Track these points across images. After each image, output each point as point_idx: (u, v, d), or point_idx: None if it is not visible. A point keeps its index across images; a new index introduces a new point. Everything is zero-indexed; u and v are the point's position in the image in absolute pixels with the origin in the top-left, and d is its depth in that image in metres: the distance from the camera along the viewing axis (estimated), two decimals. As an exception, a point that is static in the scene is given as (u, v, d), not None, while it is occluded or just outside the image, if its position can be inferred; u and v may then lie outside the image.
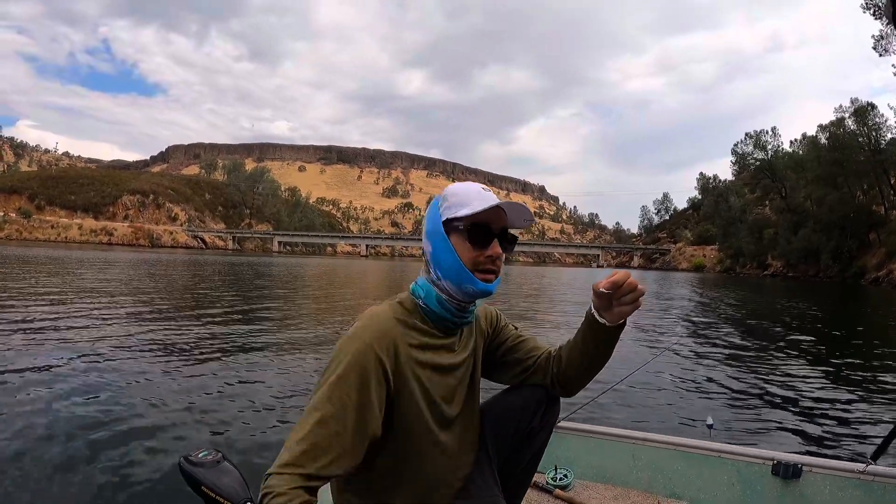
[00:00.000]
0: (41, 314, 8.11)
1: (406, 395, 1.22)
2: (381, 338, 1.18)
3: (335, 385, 1.11)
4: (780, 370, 5.77)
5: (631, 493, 2.17)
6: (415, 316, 1.28)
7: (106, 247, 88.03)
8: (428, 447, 1.27)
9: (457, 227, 1.25)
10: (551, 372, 1.42)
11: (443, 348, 1.31)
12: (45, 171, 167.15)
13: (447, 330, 1.31)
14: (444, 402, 1.30)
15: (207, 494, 1.11)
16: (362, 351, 1.15)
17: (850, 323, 12.58)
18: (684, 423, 3.89)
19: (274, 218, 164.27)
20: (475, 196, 1.26)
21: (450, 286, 1.26)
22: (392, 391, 1.19)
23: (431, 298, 1.28)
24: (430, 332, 1.29)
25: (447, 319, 1.29)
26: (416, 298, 1.30)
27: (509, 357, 1.47)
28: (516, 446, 1.48)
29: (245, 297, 13.12)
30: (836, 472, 1.88)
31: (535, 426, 1.47)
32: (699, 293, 24.55)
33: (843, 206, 57.66)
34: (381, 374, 1.16)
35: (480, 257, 1.25)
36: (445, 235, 1.26)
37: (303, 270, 31.41)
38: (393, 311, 1.26)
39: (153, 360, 5.42)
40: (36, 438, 3.19)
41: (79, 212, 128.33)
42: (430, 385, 1.26)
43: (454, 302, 1.28)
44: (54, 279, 15.23)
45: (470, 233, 1.25)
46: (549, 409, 1.48)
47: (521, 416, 1.46)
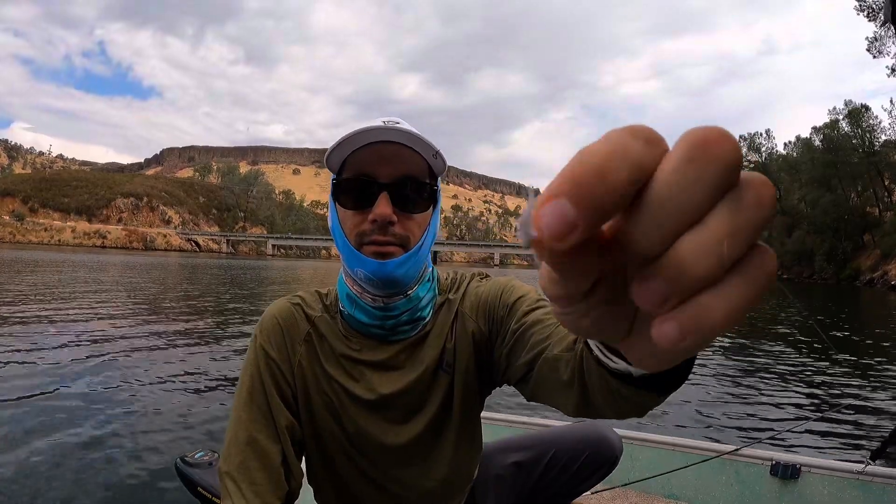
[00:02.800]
0: (35, 317, 8.05)
1: (310, 408, 0.97)
2: (269, 332, 0.97)
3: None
4: (777, 371, 5.78)
5: (629, 494, 2.16)
6: (331, 309, 1.00)
7: (99, 250, 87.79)
8: (355, 482, 0.99)
9: (336, 182, 0.89)
10: (573, 364, 0.65)
11: (370, 366, 0.95)
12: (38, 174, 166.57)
13: (380, 338, 0.95)
14: (362, 426, 0.96)
15: (203, 495, 1.11)
16: (252, 346, 0.97)
17: (845, 324, 12.62)
18: (683, 423, 3.89)
19: (268, 221, 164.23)
20: (358, 136, 0.85)
21: (348, 269, 0.91)
22: (296, 395, 0.97)
23: (342, 294, 0.96)
24: (351, 338, 0.97)
25: (367, 325, 0.94)
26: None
27: (520, 355, 0.83)
28: (557, 497, 1.22)
29: (240, 300, 13.07)
30: (835, 472, 1.88)
31: (582, 489, 1.22)
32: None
33: (838, 208, 57.98)
34: (268, 361, 0.95)
35: (363, 224, 0.87)
36: (331, 198, 0.92)
37: (297, 273, 31.35)
38: (296, 296, 1.01)
39: (149, 361, 5.40)
40: (32, 439, 3.17)
41: (72, 214, 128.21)
42: (346, 405, 0.95)
43: (368, 296, 0.91)
44: (48, 282, 15.16)
45: (341, 189, 0.88)
46: (606, 474, 1.22)
47: (578, 471, 1.19)
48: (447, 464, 0.99)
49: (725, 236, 0.19)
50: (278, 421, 0.92)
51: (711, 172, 0.19)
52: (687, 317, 0.20)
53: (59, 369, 4.87)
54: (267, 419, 0.92)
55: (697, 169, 0.19)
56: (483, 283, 1.01)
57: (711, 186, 0.19)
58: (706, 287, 0.20)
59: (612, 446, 1.20)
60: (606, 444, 1.20)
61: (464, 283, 1.03)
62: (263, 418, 0.91)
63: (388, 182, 0.86)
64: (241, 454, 0.88)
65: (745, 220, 0.19)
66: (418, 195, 0.88)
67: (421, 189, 0.88)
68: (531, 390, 0.81)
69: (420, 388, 0.95)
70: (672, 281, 0.20)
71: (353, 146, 0.85)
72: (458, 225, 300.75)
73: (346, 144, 0.85)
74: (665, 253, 0.20)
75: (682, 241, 0.19)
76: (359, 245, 0.87)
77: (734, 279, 0.20)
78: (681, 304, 0.20)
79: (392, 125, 0.85)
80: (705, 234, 0.19)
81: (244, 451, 0.88)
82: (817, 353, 7.05)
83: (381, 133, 0.84)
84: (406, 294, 0.91)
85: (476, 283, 1.02)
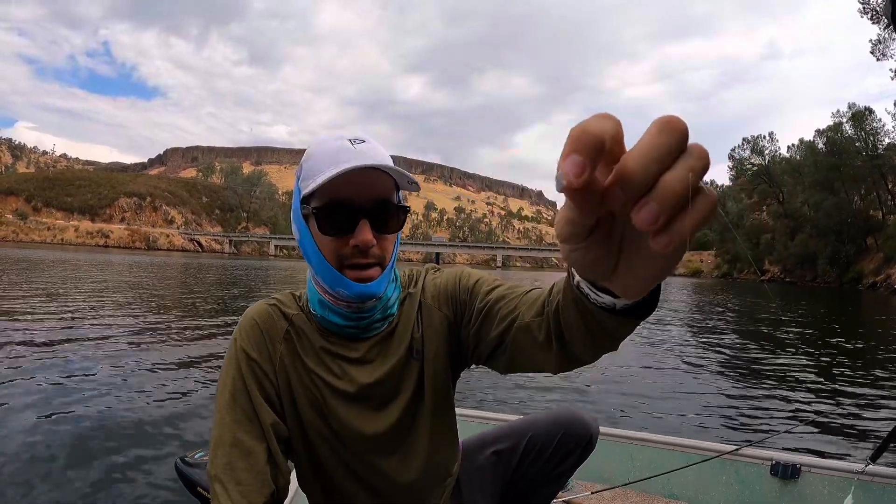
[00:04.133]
0: (36, 316, 8.07)
1: (293, 403, 1.00)
2: (247, 333, 0.98)
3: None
4: (777, 371, 5.77)
5: (629, 494, 2.16)
6: (307, 310, 1.03)
7: (102, 249, 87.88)
8: (341, 478, 1.02)
9: (315, 207, 0.92)
10: (546, 325, 0.76)
11: (347, 361, 1.00)
12: (42, 173, 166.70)
13: (353, 336, 1.00)
14: (344, 422, 0.99)
15: (203, 495, 1.10)
16: (231, 348, 0.98)
17: (847, 327, 12.59)
18: (683, 423, 3.88)
19: (271, 221, 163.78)
20: (327, 159, 0.89)
21: (327, 287, 0.95)
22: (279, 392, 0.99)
23: (314, 300, 1.00)
24: (326, 336, 1.01)
25: (341, 326, 0.99)
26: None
27: (490, 330, 0.92)
28: (536, 485, 1.25)
29: (242, 299, 13.08)
30: (835, 472, 1.87)
31: (562, 470, 1.25)
32: (696, 298, 24.58)
33: (841, 211, 57.66)
34: (249, 363, 0.96)
35: (344, 248, 0.92)
36: (303, 219, 0.95)
37: (299, 274, 31.34)
38: (273, 299, 1.04)
39: (149, 360, 5.41)
40: (32, 440, 3.17)
41: (75, 214, 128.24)
42: (328, 400, 0.99)
43: (342, 303, 0.96)
44: (49, 281, 15.18)
45: (319, 216, 0.91)
46: (586, 452, 1.25)
47: (553, 456, 1.23)
48: (424, 452, 1.03)
49: (689, 171, 0.32)
50: (263, 420, 0.93)
51: (673, 137, 0.32)
52: (671, 229, 0.33)
53: (59, 369, 4.89)
54: (251, 419, 0.93)
55: (666, 134, 0.32)
56: (438, 274, 1.08)
57: (674, 145, 0.32)
58: (679, 211, 0.32)
59: (586, 425, 1.24)
60: (580, 423, 1.24)
61: (420, 277, 1.09)
62: (247, 419, 0.93)
63: (367, 208, 0.90)
64: (226, 456, 0.90)
65: (696, 165, 0.32)
66: (395, 217, 0.94)
67: (397, 211, 0.94)
68: (507, 360, 0.88)
69: (394, 377, 1.00)
70: (662, 201, 0.32)
71: (327, 175, 0.86)
72: (461, 227, 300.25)
73: (321, 174, 0.88)
74: (655, 185, 0.32)
75: (664, 177, 0.32)
76: (340, 267, 0.92)
77: (695, 204, 0.32)
78: (666, 223, 0.33)
79: (359, 144, 0.89)
80: (678, 171, 0.32)
81: (230, 452, 0.90)
82: (818, 354, 7.03)
83: (355, 159, 0.87)
84: (379, 297, 0.96)
85: (432, 275, 1.09)
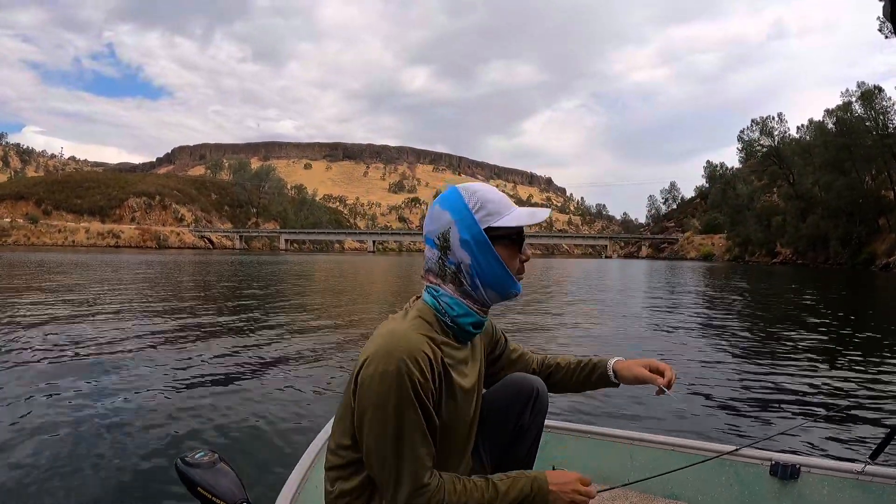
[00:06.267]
0: (38, 316, 8.13)
1: (442, 408, 1.21)
2: (413, 358, 1.11)
3: (398, 431, 1.11)
4: (776, 370, 5.69)
5: (628, 494, 2.15)
6: (435, 328, 1.23)
7: (113, 249, 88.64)
8: (449, 455, 1.26)
9: (503, 236, 1.24)
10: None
11: (463, 362, 1.28)
12: (51, 176, 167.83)
13: (465, 340, 1.30)
14: (465, 413, 1.28)
15: (203, 495, 1.10)
16: (403, 385, 1.10)
17: (856, 314, 12.43)
18: (683, 423, 3.85)
19: (280, 216, 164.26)
20: (510, 204, 1.27)
21: (492, 295, 1.26)
22: (434, 405, 1.17)
23: (462, 311, 1.24)
24: (453, 345, 1.25)
25: (473, 328, 1.27)
26: (439, 314, 1.24)
27: (503, 368, 1.55)
28: (506, 446, 1.48)
29: (246, 297, 13.09)
30: (835, 472, 1.86)
31: (524, 423, 1.47)
32: (703, 283, 24.44)
33: (852, 191, 57.00)
34: (426, 395, 1.13)
35: (519, 263, 1.29)
36: (492, 245, 1.23)
37: (309, 268, 31.44)
38: (416, 328, 1.19)
39: (150, 360, 5.42)
40: (32, 439, 3.19)
41: (85, 215, 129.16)
42: (460, 400, 1.25)
43: (483, 311, 1.27)
44: (57, 281, 15.32)
45: (516, 241, 1.27)
46: (537, 403, 1.48)
47: (509, 413, 1.46)
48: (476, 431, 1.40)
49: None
50: (432, 433, 1.16)
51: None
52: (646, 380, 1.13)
53: (59, 368, 4.91)
54: (428, 443, 1.15)
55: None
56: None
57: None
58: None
59: (528, 380, 1.49)
60: (522, 379, 1.50)
61: None
62: (427, 446, 1.14)
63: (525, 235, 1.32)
64: (416, 482, 1.12)
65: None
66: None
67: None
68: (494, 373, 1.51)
69: (481, 369, 1.38)
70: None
71: (527, 222, 1.27)
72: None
73: (516, 216, 1.26)
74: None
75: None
76: (515, 275, 1.28)
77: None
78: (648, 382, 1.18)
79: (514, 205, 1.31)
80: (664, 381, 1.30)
81: (419, 475, 1.13)
82: (818, 353, 6.96)
83: (539, 215, 1.30)
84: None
85: None
